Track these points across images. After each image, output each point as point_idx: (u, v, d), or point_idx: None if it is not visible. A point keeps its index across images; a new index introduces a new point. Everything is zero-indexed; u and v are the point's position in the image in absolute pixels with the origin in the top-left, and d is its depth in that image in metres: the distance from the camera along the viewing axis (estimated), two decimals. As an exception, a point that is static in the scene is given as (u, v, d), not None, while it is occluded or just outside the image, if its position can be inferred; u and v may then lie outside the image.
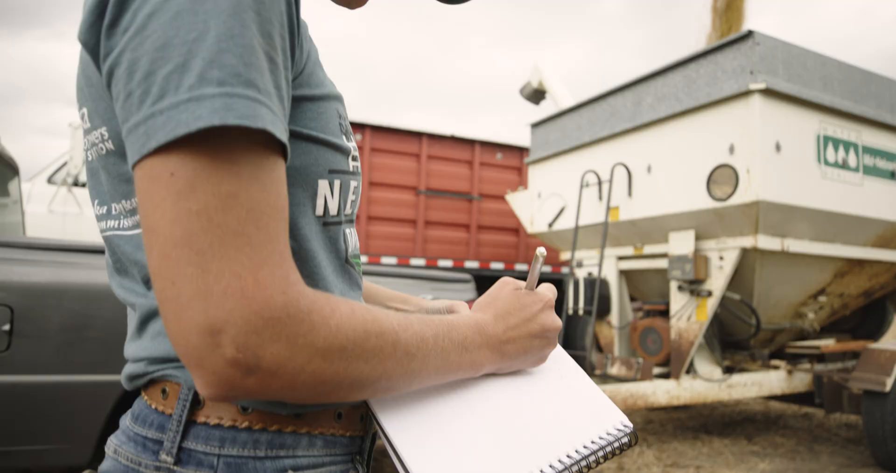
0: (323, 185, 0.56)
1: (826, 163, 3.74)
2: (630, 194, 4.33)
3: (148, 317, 0.55)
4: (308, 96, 0.55)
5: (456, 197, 6.87)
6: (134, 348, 0.57)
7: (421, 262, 6.46)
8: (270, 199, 0.44)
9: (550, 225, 5.19)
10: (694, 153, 3.84)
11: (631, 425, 0.64)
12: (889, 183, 4.12)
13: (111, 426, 2.08)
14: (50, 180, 5.64)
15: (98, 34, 0.47)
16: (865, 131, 3.97)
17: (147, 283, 0.55)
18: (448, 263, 6.57)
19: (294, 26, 0.50)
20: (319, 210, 0.57)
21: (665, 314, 4.47)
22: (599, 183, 4.60)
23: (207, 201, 0.41)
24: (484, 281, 6.74)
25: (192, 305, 0.40)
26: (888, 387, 3.96)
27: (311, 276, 0.56)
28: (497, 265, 6.81)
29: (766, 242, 3.68)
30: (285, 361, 0.42)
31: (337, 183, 0.58)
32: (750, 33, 3.48)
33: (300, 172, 0.54)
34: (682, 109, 3.89)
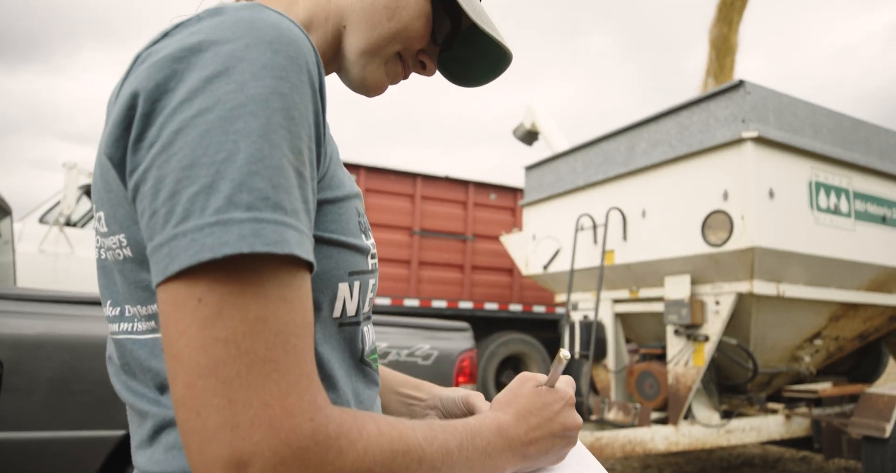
0: (343, 288, 0.56)
1: (819, 209, 3.78)
2: (625, 237, 4.35)
3: (161, 427, 0.53)
4: (329, 199, 0.55)
5: (450, 237, 6.87)
6: (145, 459, 0.54)
7: (415, 302, 6.42)
8: (297, 318, 0.43)
9: (545, 267, 5.18)
10: (688, 199, 3.88)
11: None
12: (881, 228, 4.16)
13: (100, 485, 2.02)
14: (42, 220, 5.60)
15: (124, 148, 0.47)
16: (856, 177, 4.03)
17: (160, 389, 0.53)
18: (442, 303, 6.54)
19: (321, 135, 0.50)
20: (337, 313, 0.56)
21: (661, 357, 4.44)
22: (594, 226, 4.63)
23: (235, 328, 0.40)
24: (478, 322, 6.69)
25: (218, 436, 0.39)
26: (888, 433, 3.92)
27: (327, 380, 0.55)
28: (491, 306, 6.78)
29: (762, 287, 3.69)
30: None
31: (357, 284, 0.57)
32: (741, 83, 3.56)
33: (320, 276, 0.54)
34: (675, 156, 3.94)
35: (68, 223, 5.54)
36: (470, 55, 0.78)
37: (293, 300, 0.43)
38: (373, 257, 0.61)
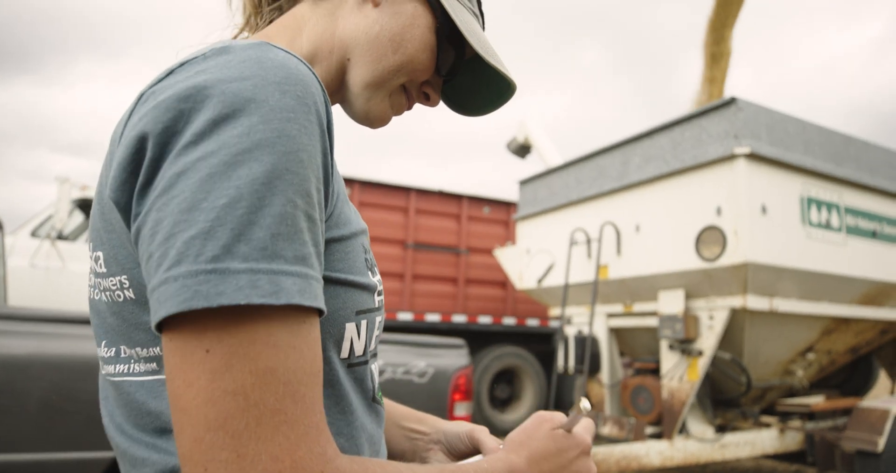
0: (350, 328, 0.55)
1: (810, 224, 3.81)
2: (619, 252, 4.36)
3: None
4: (336, 237, 0.54)
5: (444, 251, 6.87)
6: None
7: (409, 316, 6.40)
8: (307, 366, 0.43)
9: (540, 281, 5.19)
10: (682, 214, 3.90)
11: None
12: (871, 242, 4.19)
13: (91, 507, 1.99)
14: (34, 234, 5.56)
15: (130, 193, 0.46)
16: (847, 193, 4.06)
17: (159, 433, 0.52)
18: (436, 317, 6.52)
19: (329, 175, 0.50)
20: (345, 353, 0.55)
21: (655, 372, 4.44)
22: (588, 241, 4.64)
23: (244, 380, 0.39)
24: (472, 335, 6.68)
25: None
26: (881, 447, 3.93)
27: (338, 423, 0.54)
28: (485, 319, 6.77)
29: (755, 302, 3.70)
30: None
31: (364, 323, 0.56)
32: (733, 100, 3.59)
33: (328, 318, 0.53)
34: (669, 171, 3.96)
35: (60, 237, 5.50)
36: (473, 84, 0.78)
37: (303, 347, 0.43)
38: (379, 294, 0.60)
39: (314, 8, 0.67)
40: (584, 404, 0.60)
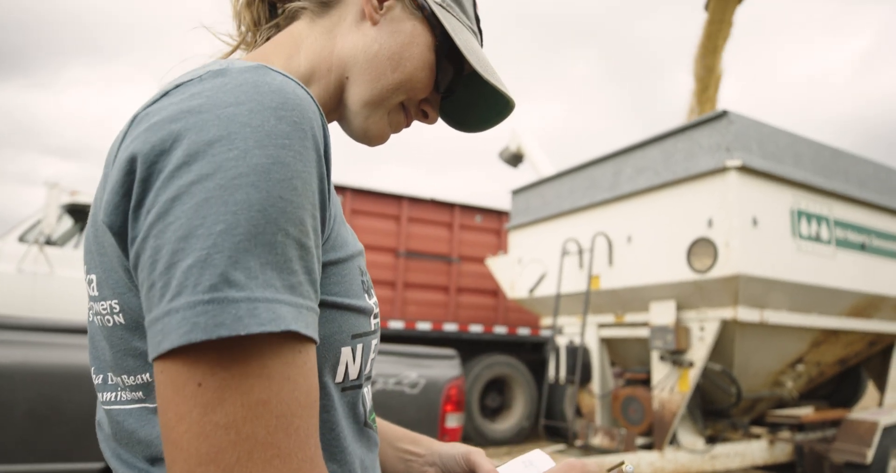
0: (346, 352, 0.54)
1: (800, 236, 3.83)
2: (611, 263, 4.37)
3: None
4: (332, 260, 0.53)
5: (435, 259, 6.86)
6: None
7: (400, 324, 6.37)
8: (301, 397, 0.42)
9: (531, 291, 5.19)
10: (673, 225, 3.91)
11: None
12: (860, 255, 4.23)
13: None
14: (22, 239, 5.51)
15: (124, 215, 0.45)
16: (836, 206, 4.10)
17: (151, 461, 0.51)
18: (427, 325, 6.50)
19: (326, 200, 0.49)
20: (340, 377, 0.55)
21: (646, 382, 4.45)
22: (580, 251, 4.65)
23: (236, 413, 0.39)
24: (463, 344, 6.66)
25: None
26: (869, 459, 3.95)
27: (330, 448, 0.53)
28: (476, 328, 6.75)
29: (746, 313, 3.72)
30: None
31: (360, 347, 0.56)
32: (725, 113, 3.62)
33: (323, 342, 0.52)
34: (660, 182, 3.99)
35: (49, 242, 5.45)
36: (471, 100, 0.77)
37: (297, 377, 0.42)
38: (375, 316, 0.60)
39: (312, 26, 0.66)
40: (628, 468, 0.58)
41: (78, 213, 5.81)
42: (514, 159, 7.69)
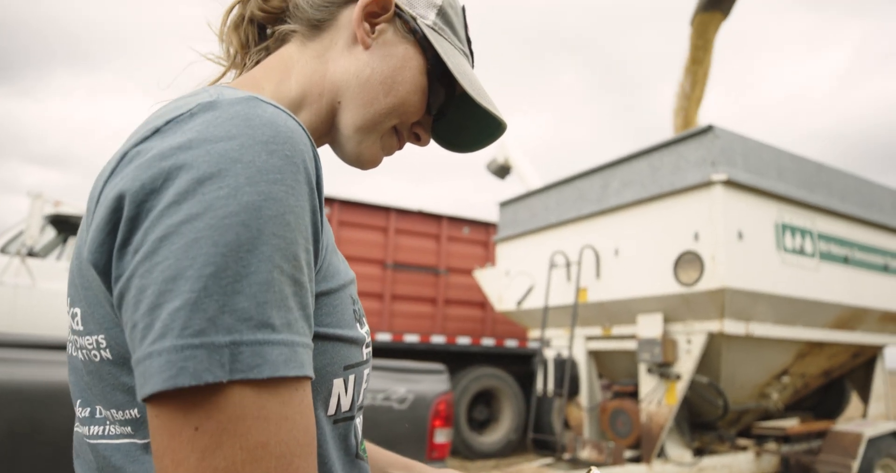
0: (338, 384, 0.54)
1: (785, 249, 3.88)
2: (598, 275, 4.39)
3: None
4: (324, 291, 0.53)
5: (423, 271, 6.85)
6: None
7: (387, 337, 6.34)
8: (300, 436, 0.41)
9: (519, 303, 5.19)
10: (660, 238, 3.94)
11: None
12: (843, 268, 4.28)
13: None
14: (3, 250, 5.43)
15: (109, 253, 0.44)
16: (819, 219, 4.15)
17: None
18: (415, 338, 6.48)
19: (318, 232, 0.49)
20: (332, 410, 0.54)
21: (634, 395, 4.45)
22: (568, 264, 4.66)
23: (235, 456, 0.38)
24: (451, 356, 6.64)
25: None
26: (854, 471, 3.99)
27: None
28: (464, 340, 6.74)
29: (732, 326, 3.74)
30: None
31: (352, 378, 0.55)
32: (710, 128, 3.66)
33: (315, 374, 0.51)
34: (647, 196, 4.02)
35: (31, 254, 5.37)
36: (462, 121, 0.77)
37: (294, 416, 0.41)
38: (367, 346, 0.59)
39: (303, 49, 0.66)
40: (595, 472, 0.59)
41: (61, 224, 5.74)
42: (502, 171, 7.72)
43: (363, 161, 0.69)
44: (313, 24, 0.66)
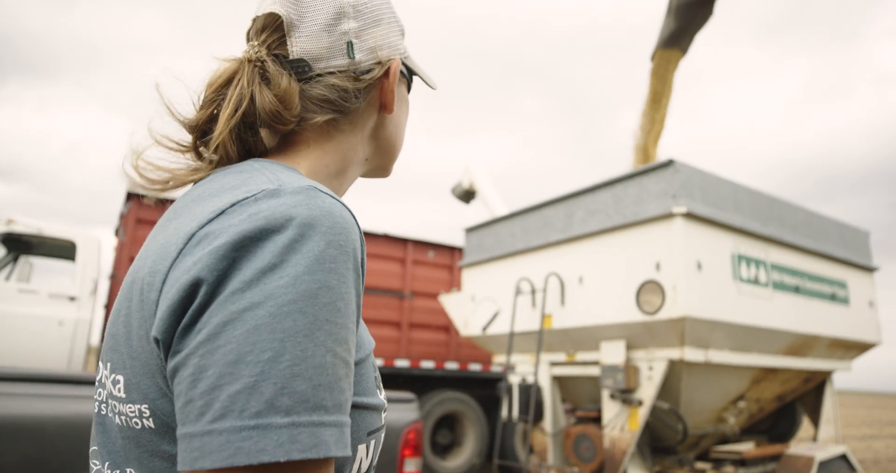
0: (361, 449, 0.57)
1: (741, 279, 4.03)
2: (563, 302, 4.47)
3: None
4: (355, 362, 0.56)
5: (388, 294, 6.85)
6: None
7: (350, 361, 6.29)
8: None
9: (485, 329, 5.23)
10: (623, 267, 4.05)
11: None
12: (795, 297, 4.46)
13: None
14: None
15: (174, 330, 0.47)
16: (772, 250, 4.33)
17: None
18: (378, 362, 6.44)
19: (359, 312, 0.52)
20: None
21: (597, 420, 4.52)
22: (533, 291, 4.73)
23: None
24: (414, 380, 6.62)
25: None
26: (807, 493, 4.12)
27: None
28: (428, 364, 6.73)
29: (692, 354, 3.86)
30: None
31: (372, 443, 0.58)
32: (671, 162, 3.81)
33: None
34: (611, 226, 4.13)
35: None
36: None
37: None
38: (384, 410, 0.62)
39: (336, 127, 0.67)
40: None
41: (13, 243, 5.54)
42: (467, 196, 7.80)
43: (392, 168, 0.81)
44: (338, 109, 0.66)
